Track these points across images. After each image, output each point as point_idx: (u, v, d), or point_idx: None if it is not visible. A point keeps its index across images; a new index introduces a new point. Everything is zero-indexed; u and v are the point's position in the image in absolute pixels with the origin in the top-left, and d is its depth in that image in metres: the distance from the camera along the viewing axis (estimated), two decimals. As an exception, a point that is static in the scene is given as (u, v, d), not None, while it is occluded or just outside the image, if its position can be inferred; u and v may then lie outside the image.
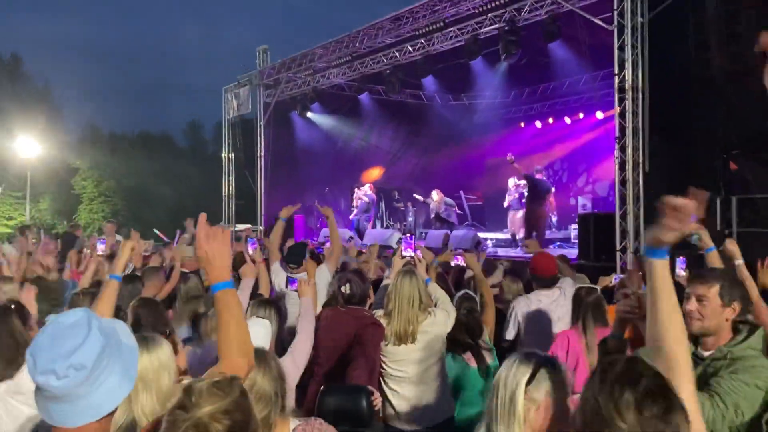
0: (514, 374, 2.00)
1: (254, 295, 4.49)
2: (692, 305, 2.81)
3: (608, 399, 1.23)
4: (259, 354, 2.13)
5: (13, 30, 76.89)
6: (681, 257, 5.23)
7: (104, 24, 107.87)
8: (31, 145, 31.57)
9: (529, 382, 1.96)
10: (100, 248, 5.66)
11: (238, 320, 1.88)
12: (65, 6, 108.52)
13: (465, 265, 5.92)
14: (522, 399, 1.95)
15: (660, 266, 1.71)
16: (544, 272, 5.07)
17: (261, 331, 2.99)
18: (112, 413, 1.59)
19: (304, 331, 3.50)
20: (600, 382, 1.27)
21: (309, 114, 18.84)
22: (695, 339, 2.79)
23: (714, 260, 3.80)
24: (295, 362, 3.25)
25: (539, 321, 4.87)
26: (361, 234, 17.15)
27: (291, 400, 3.12)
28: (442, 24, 13.40)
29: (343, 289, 4.18)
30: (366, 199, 17.78)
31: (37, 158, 32.68)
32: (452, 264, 6.40)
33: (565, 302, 4.77)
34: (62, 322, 1.55)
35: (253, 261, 4.66)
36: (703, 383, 2.55)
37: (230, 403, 1.45)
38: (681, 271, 5.15)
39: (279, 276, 5.37)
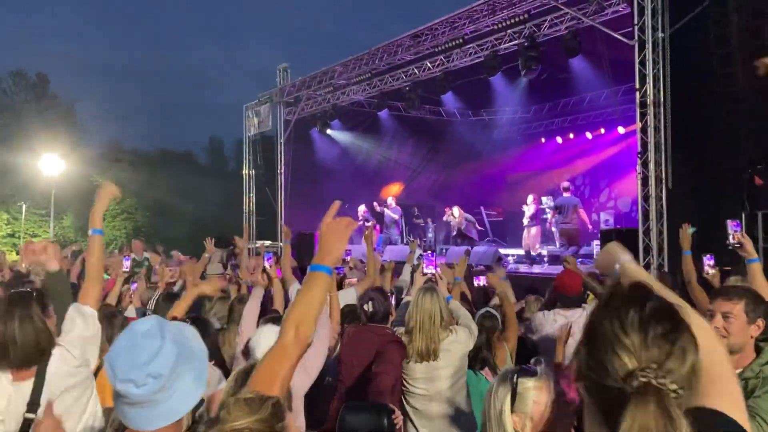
0: (497, 397, 2.01)
1: (269, 311, 4.51)
2: (718, 322, 2.76)
3: (613, 320, 1.19)
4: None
5: (40, 50, 78.31)
6: (708, 255, 5.09)
7: (127, 44, 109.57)
8: (55, 163, 32.04)
9: (512, 400, 1.98)
10: (126, 265, 5.72)
11: (314, 298, 1.87)
12: (90, 27, 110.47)
13: (488, 284, 5.87)
14: (509, 419, 1.96)
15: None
16: (567, 291, 4.93)
17: (272, 338, 2.98)
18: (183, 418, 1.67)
19: (318, 339, 3.47)
20: (605, 307, 1.24)
21: (329, 131, 18.92)
22: None
23: (756, 272, 3.65)
24: (306, 371, 3.22)
25: (551, 340, 4.76)
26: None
27: (299, 408, 3.11)
28: (461, 40, 13.42)
29: (366, 307, 4.17)
30: (394, 215, 17.71)
31: (61, 175, 33.16)
32: (475, 284, 6.35)
33: None
34: (136, 331, 1.63)
35: (269, 276, 4.67)
36: None
37: (256, 421, 1.47)
38: (709, 269, 5.01)
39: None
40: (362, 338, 4.06)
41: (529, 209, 15.26)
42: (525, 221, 15.37)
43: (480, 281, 6.17)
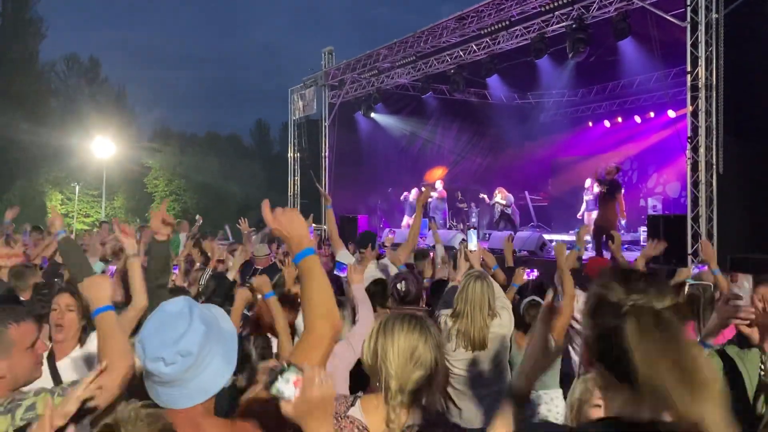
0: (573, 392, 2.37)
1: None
2: (758, 305, 2.74)
3: (601, 283, 1.37)
4: (421, 322, 2.18)
5: (92, 35, 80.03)
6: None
7: (176, 29, 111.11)
8: (106, 146, 32.82)
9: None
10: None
11: (320, 285, 1.88)
12: (140, 13, 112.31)
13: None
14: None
15: None
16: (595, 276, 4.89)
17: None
18: (215, 396, 1.70)
19: (364, 317, 3.49)
20: (597, 283, 1.40)
21: (373, 114, 18.93)
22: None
23: None
24: (352, 347, 3.25)
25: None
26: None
27: (343, 384, 3.16)
28: (508, 23, 13.26)
29: (399, 286, 4.18)
30: (439, 200, 17.55)
31: (112, 158, 33.96)
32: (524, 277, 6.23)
33: None
34: (167, 311, 1.67)
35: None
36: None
37: None
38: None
39: (347, 259, 5.33)
40: None
41: (587, 194, 14.88)
42: (583, 204, 15.01)
43: (532, 275, 6.03)
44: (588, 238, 12.11)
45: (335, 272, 5.01)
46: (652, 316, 1.26)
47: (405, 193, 18.03)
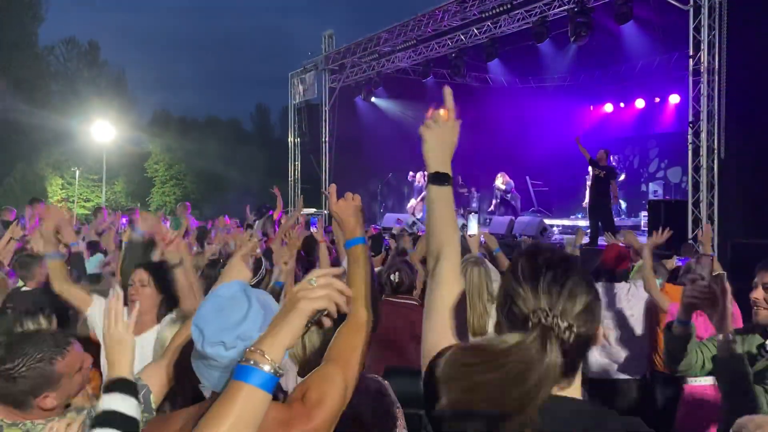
0: None
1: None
2: (758, 293, 2.75)
3: (511, 276, 1.35)
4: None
5: (91, 18, 79.67)
6: None
7: (175, 12, 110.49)
8: (106, 130, 32.73)
9: None
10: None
11: (366, 274, 2.03)
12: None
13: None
14: None
15: None
16: (612, 265, 4.90)
17: None
18: None
19: None
20: (509, 266, 1.41)
21: (373, 99, 18.87)
22: (764, 331, 2.71)
23: None
24: None
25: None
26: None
27: None
28: (509, 6, 13.17)
29: (392, 277, 4.16)
30: None
31: (112, 142, 33.87)
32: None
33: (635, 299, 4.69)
34: (222, 295, 1.65)
35: (315, 240, 4.68)
36: (762, 377, 2.52)
37: None
38: None
39: None
40: (394, 311, 4.01)
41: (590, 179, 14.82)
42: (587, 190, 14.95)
43: None
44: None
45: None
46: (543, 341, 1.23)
47: (411, 173, 18.02)
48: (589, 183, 14.04)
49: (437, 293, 1.58)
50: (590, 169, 13.11)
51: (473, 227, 14.70)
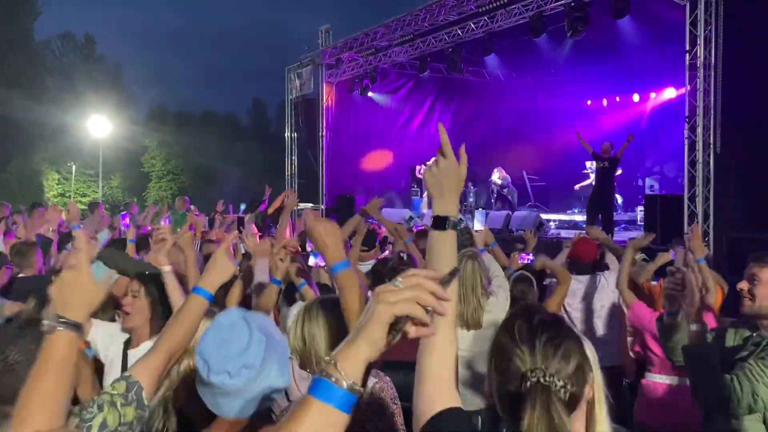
0: None
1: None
2: (744, 284, 2.85)
3: (507, 334, 1.44)
4: None
5: (87, 13, 79.36)
6: None
7: (171, 6, 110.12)
8: (103, 124, 32.66)
9: None
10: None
11: (360, 297, 2.08)
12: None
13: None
14: None
15: None
16: (582, 258, 5.05)
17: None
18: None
19: None
20: (504, 323, 1.49)
21: (370, 93, 18.86)
22: (753, 324, 2.76)
23: None
24: None
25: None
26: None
27: None
28: (506, 0, 13.15)
29: (402, 254, 4.20)
30: None
31: (109, 137, 33.81)
32: (519, 262, 6.13)
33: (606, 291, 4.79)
34: (222, 324, 1.69)
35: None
36: (742, 366, 2.60)
37: None
38: None
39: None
40: None
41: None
42: (584, 183, 15.02)
43: (527, 258, 6.02)
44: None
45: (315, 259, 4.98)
46: (550, 400, 1.32)
47: (418, 168, 18.02)
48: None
49: (429, 359, 1.51)
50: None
51: (480, 222, 14.72)
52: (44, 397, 1.50)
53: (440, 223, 1.71)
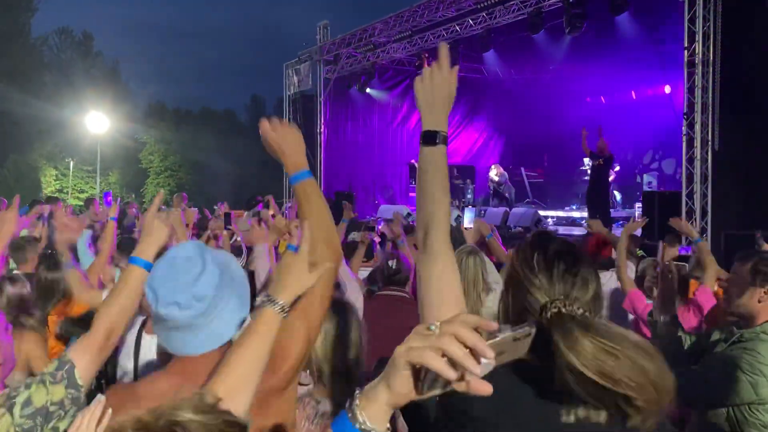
0: None
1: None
2: (725, 282, 2.89)
3: (524, 265, 1.43)
4: (342, 305, 2.31)
5: (85, 9, 79.19)
6: None
7: (170, 3, 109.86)
8: (101, 120, 32.59)
9: None
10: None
11: (319, 208, 1.89)
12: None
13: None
14: None
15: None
16: (597, 258, 4.95)
17: None
18: (230, 341, 1.62)
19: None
20: (516, 255, 1.48)
21: (368, 89, 18.83)
22: (737, 323, 2.78)
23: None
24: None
25: None
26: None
27: None
28: (504, -3, 13.15)
29: (390, 263, 4.15)
30: None
31: (107, 133, 33.74)
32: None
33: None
34: (177, 256, 1.61)
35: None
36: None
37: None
38: None
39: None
40: (392, 306, 3.97)
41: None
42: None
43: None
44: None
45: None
46: (577, 326, 1.27)
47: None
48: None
49: (433, 268, 1.53)
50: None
51: (469, 219, 14.71)
52: (245, 365, 1.51)
53: (430, 137, 1.73)
